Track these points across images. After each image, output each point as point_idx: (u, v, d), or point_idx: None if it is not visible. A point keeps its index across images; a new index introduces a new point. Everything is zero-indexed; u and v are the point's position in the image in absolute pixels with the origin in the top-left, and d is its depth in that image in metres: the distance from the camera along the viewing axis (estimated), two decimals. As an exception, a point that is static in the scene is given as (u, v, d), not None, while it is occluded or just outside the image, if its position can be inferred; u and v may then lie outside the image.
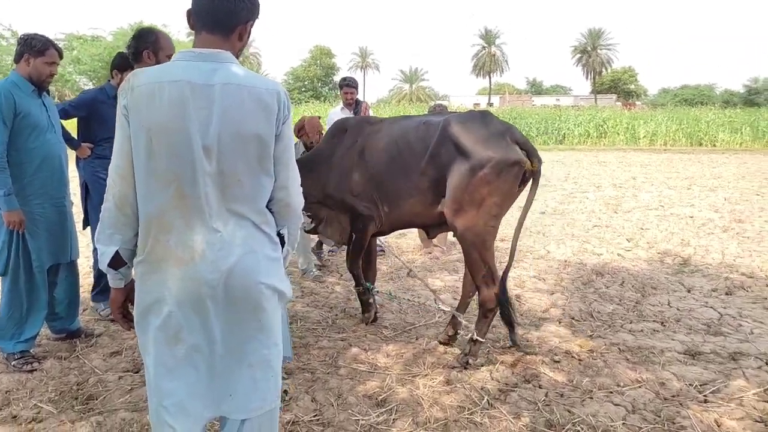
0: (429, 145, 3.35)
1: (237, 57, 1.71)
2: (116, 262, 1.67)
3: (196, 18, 1.68)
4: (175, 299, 1.59)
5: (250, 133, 1.61)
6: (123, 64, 3.87)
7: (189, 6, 1.69)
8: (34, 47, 3.24)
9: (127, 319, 1.78)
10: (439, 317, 4.20)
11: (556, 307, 4.44)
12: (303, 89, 69.39)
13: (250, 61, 75.01)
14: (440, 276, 5.28)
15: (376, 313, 4.10)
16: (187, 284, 1.59)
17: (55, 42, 3.40)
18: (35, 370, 3.19)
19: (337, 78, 68.94)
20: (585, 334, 3.86)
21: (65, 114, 3.85)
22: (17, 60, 3.29)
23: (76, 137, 3.98)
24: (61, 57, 3.40)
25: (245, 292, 1.63)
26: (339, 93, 6.35)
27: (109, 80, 4.09)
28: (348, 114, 6.12)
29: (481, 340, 3.39)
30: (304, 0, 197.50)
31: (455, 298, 4.61)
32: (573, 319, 4.18)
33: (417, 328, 3.99)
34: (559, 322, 4.10)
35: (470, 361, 3.34)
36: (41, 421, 2.69)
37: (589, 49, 73.00)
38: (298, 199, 1.80)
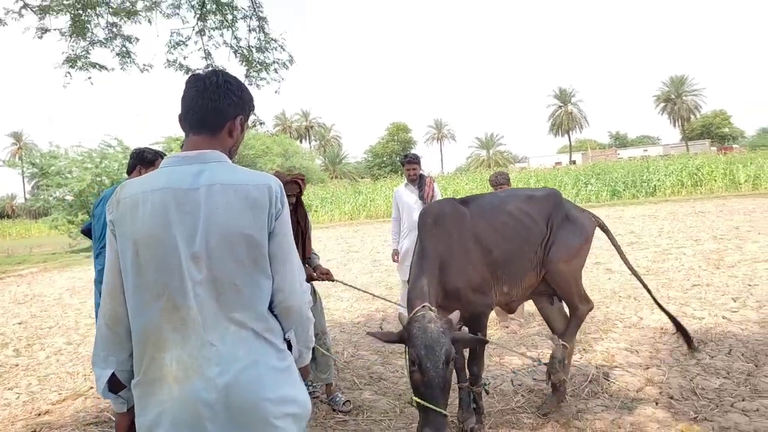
0: (548, 216, 3.76)
1: (231, 155, 1.66)
2: (115, 385, 1.61)
3: (183, 120, 1.65)
4: (172, 421, 1.48)
5: (239, 233, 1.52)
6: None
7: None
8: (145, 159, 3.48)
9: None
10: (517, 404, 3.83)
11: (652, 384, 3.94)
12: (382, 165, 71.46)
13: (332, 143, 78.84)
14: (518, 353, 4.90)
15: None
16: (184, 405, 1.48)
17: (163, 152, 3.61)
18: None
19: (414, 151, 70.64)
20: (688, 417, 3.36)
21: None
22: (130, 172, 3.51)
23: None
24: None
25: (248, 410, 1.50)
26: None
27: None
28: (413, 189, 6.08)
29: (568, 346, 3.73)
30: (378, 80, 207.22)
31: (534, 378, 4.24)
32: (672, 398, 3.68)
33: (492, 416, 3.66)
34: (657, 403, 3.61)
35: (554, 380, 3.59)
36: None
37: (673, 96, 70.50)
38: (300, 300, 1.65)
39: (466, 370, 3.52)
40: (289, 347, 1.66)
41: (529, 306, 5.72)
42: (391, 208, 6.64)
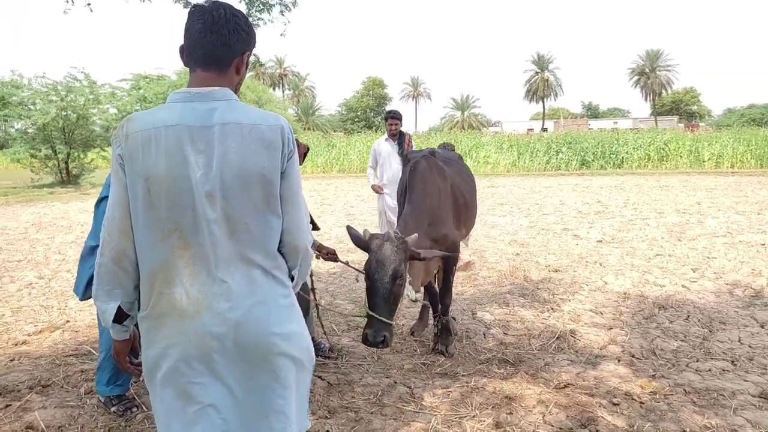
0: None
1: (236, 92, 1.64)
2: (119, 316, 1.62)
3: (189, 54, 1.61)
4: (181, 354, 1.53)
5: (254, 173, 1.53)
6: None
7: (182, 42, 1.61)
8: None
9: (136, 367, 1.73)
10: (489, 355, 4.03)
11: (615, 343, 4.19)
12: (356, 119, 70.74)
13: (305, 94, 77.26)
14: (490, 309, 5.11)
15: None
16: (193, 338, 1.52)
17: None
18: (138, 414, 3.13)
19: (389, 107, 69.65)
20: (647, 374, 3.61)
21: None
22: None
23: None
24: None
25: (256, 344, 1.56)
26: (384, 124, 6.55)
27: None
28: (392, 144, 6.28)
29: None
30: (356, 33, 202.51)
31: (505, 333, 4.45)
32: (633, 357, 3.93)
33: (465, 365, 3.85)
34: (619, 361, 3.86)
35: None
36: (89, 456, 2.72)
37: (647, 70, 71.18)
38: (306, 239, 1.70)
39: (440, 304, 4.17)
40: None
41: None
42: (366, 164, 6.90)
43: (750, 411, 3.04)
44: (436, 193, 3.88)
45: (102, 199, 3.07)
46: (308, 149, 3.85)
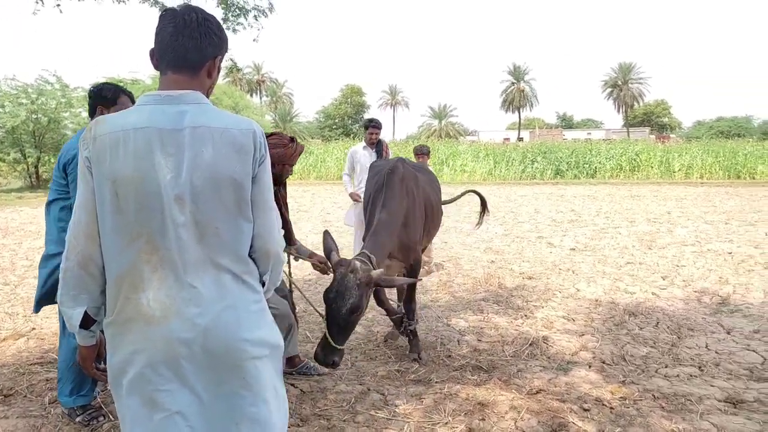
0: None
1: (208, 95, 1.62)
2: (85, 321, 1.59)
3: (160, 58, 1.59)
4: (147, 360, 1.50)
5: (225, 177, 1.52)
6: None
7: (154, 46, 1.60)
8: (105, 97, 3.05)
9: (102, 372, 1.69)
10: (462, 362, 4.04)
11: (586, 349, 4.24)
12: (334, 126, 70.69)
13: (283, 101, 76.97)
14: (464, 316, 5.13)
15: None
16: (160, 344, 1.49)
17: (123, 87, 3.22)
18: (104, 423, 3.05)
19: (367, 115, 69.86)
20: (617, 380, 3.66)
21: None
22: (92, 113, 3.08)
23: None
24: (132, 101, 3.10)
25: (225, 350, 1.53)
26: (364, 132, 6.53)
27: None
28: (371, 152, 6.33)
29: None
30: (335, 40, 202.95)
31: (479, 339, 4.47)
32: (604, 363, 3.98)
33: (438, 372, 3.85)
34: (589, 366, 3.91)
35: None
36: (52, 467, 2.64)
37: (620, 83, 72.66)
38: (277, 244, 1.69)
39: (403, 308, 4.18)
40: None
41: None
42: (342, 171, 6.98)
43: (716, 415, 3.10)
44: (411, 199, 3.89)
45: (51, 202, 2.99)
46: (303, 149, 3.76)
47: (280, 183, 3.41)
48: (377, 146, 6.43)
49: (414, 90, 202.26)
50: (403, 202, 3.78)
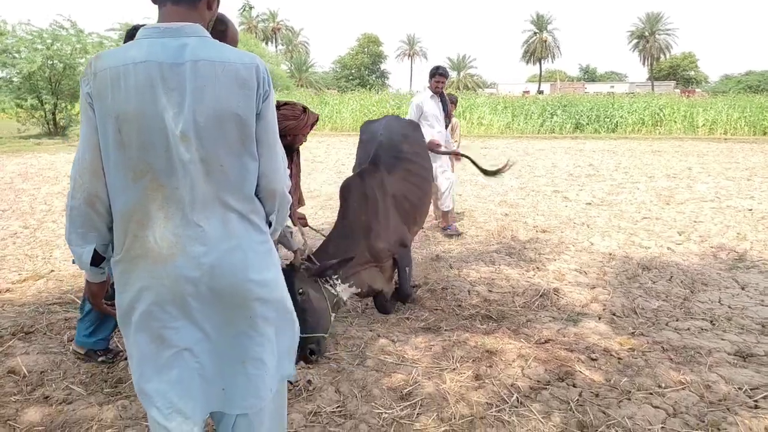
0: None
1: (208, 29, 1.58)
2: (95, 259, 1.60)
3: None
4: (155, 298, 1.51)
5: (228, 113, 1.48)
6: None
7: None
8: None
9: (112, 308, 1.71)
10: (472, 311, 4.06)
11: (596, 302, 4.24)
12: (350, 77, 69.65)
13: (299, 50, 75.78)
14: (476, 267, 5.14)
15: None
16: (167, 282, 1.50)
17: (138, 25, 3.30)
18: (121, 360, 3.15)
19: (384, 66, 68.55)
20: (626, 332, 3.66)
21: None
22: None
23: None
24: None
25: (232, 289, 1.54)
26: (429, 81, 6.30)
27: None
28: (437, 101, 6.26)
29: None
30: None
31: (490, 290, 4.48)
32: (614, 315, 3.98)
33: (448, 321, 3.88)
34: (599, 318, 3.91)
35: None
36: (71, 402, 2.74)
37: (646, 34, 70.23)
38: (283, 183, 1.66)
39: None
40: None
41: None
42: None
43: (724, 368, 3.10)
44: (373, 210, 3.67)
45: None
46: (317, 119, 3.72)
47: (293, 151, 3.36)
48: (442, 97, 6.30)
49: (432, 40, 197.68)
50: (360, 215, 3.62)
